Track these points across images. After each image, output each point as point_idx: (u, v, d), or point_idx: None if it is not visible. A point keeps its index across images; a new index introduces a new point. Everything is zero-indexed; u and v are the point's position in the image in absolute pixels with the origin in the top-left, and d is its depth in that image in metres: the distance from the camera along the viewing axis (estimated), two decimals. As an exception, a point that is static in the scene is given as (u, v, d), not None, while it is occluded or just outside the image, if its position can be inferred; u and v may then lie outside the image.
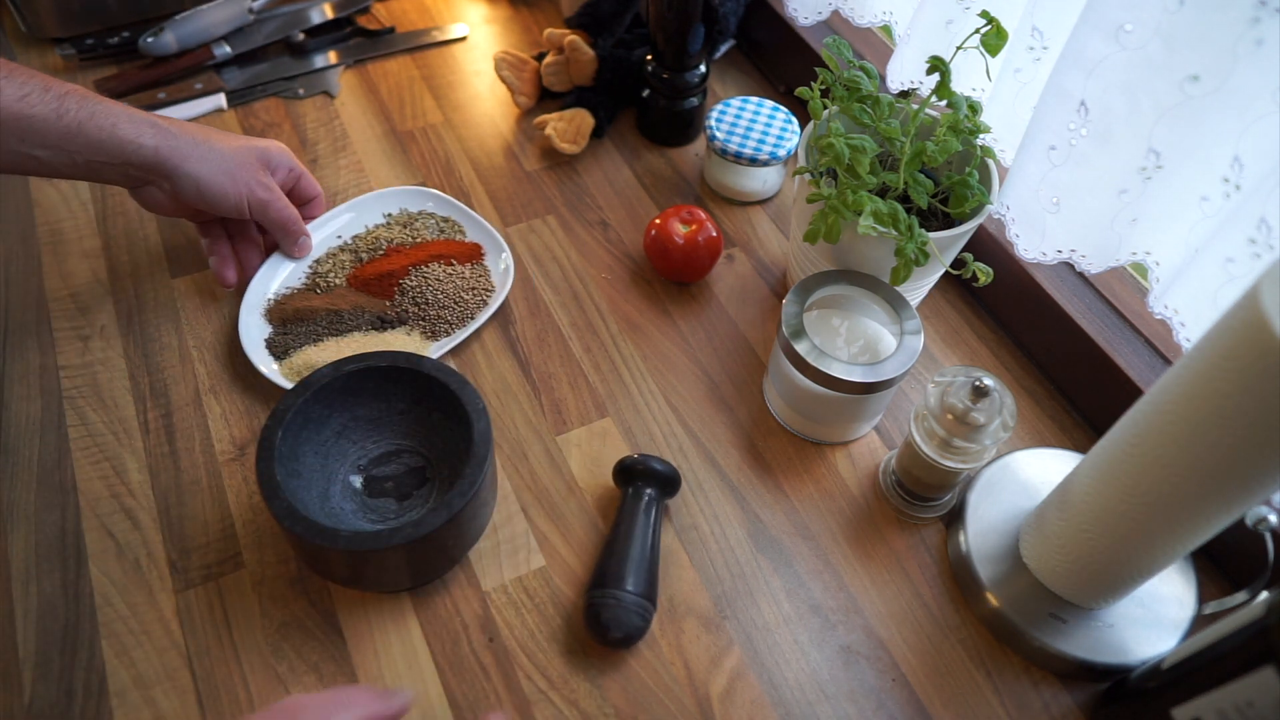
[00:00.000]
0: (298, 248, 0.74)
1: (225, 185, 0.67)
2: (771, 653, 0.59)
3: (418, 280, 0.74)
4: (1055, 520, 0.57)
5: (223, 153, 0.68)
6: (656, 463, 0.63)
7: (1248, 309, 0.41)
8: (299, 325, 0.71)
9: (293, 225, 0.73)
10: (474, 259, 0.78)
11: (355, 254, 0.77)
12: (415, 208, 0.81)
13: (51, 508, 0.63)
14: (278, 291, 0.74)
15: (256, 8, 0.95)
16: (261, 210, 0.70)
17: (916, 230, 0.62)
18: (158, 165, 0.65)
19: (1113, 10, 0.54)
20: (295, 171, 0.74)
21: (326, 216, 0.77)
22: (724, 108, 0.85)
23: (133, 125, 0.64)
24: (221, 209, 0.69)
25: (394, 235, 0.78)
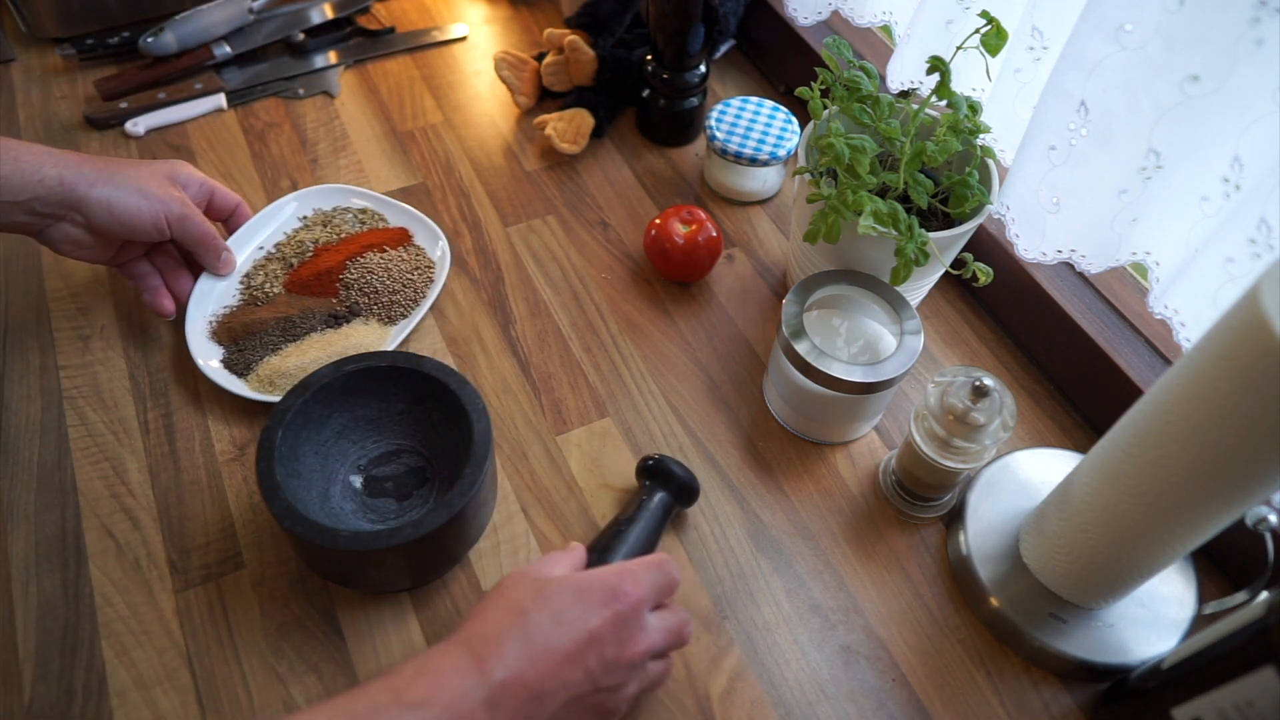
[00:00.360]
0: (221, 263, 0.72)
1: (140, 204, 0.65)
2: (771, 653, 0.59)
3: (358, 272, 0.74)
4: (1055, 520, 0.57)
5: (128, 174, 0.66)
6: (679, 469, 0.62)
7: (1248, 309, 0.41)
8: (251, 339, 0.70)
9: (211, 239, 0.70)
10: (404, 242, 0.78)
11: (284, 261, 0.76)
12: (328, 205, 0.81)
13: (51, 508, 0.63)
14: (216, 312, 0.72)
15: (256, 8, 0.95)
16: (180, 225, 0.68)
17: (916, 230, 0.62)
18: (64, 194, 0.63)
19: (1113, 10, 0.54)
20: (206, 187, 0.72)
21: (242, 231, 0.76)
22: (724, 108, 0.85)
23: (33, 156, 0.62)
24: (139, 231, 0.66)
25: (316, 235, 0.78)
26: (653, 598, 0.50)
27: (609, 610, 0.48)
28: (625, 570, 0.50)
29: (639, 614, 0.49)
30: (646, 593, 0.50)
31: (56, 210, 0.64)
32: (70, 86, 0.91)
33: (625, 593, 0.48)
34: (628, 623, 0.48)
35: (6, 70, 0.92)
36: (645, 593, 0.49)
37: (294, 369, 0.68)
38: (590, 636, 0.47)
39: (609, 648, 0.47)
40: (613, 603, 0.48)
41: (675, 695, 0.57)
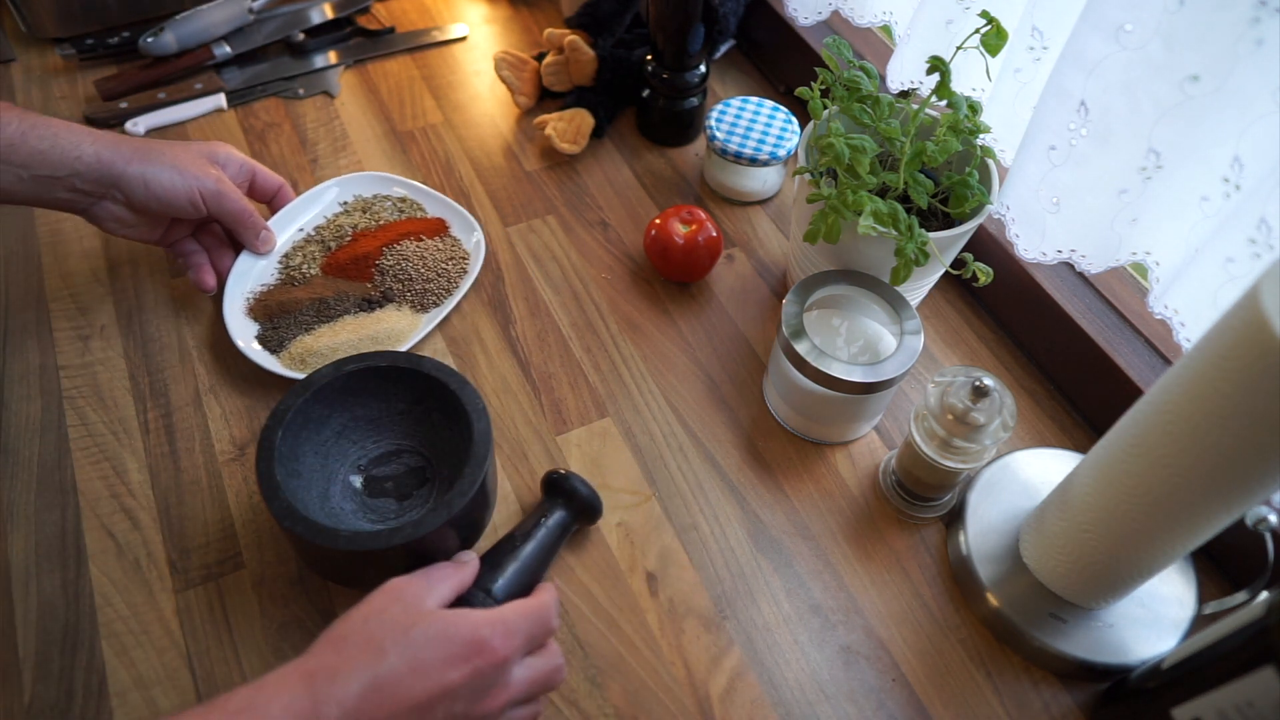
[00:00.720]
0: (260, 241, 0.74)
1: (174, 179, 0.67)
2: (771, 653, 0.59)
3: (394, 259, 0.76)
4: (1055, 520, 0.57)
5: (165, 153, 0.67)
6: (582, 486, 0.61)
7: (1248, 309, 0.41)
8: (286, 317, 0.72)
9: (248, 217, 0.72)
10: (440, 233, 0.79)
11: (322, 244, 0.78)
12: (369, 192, 0.82)
13: (51, 508, 0.63)
14: (254, 290, 0.74)
15: (256, 8, 0.95)
16: (216, 201, 0.69)
17: (916, 230, 0.62)
18: (102, 171, 0.64)
19: (1113, 10, 0.54)
20: (247, 167, 0.74)
21: (284, 212, 0.77)
22: (724, 108, 0.85)
23: (72, 135, 0.64)
24: (174, 206, 0.68)
25: (355, 221, 0.79)
26: (523, 650, 0.49)
27: (470, 665, 0.45)
28: (499, 621, 0.48)
29: (502, 670, 0.47)
30: (516, 648, 0.48)
31: (97, 188, 0.65)
32: (70, 86, 0.91)
33: (492, 649, 0.46)
34: (487, 679, 0.46)
35: (6, 70, 0.92)
36: (514, 649, 0.48)
37: (325, 349, 0.69)
38: (443, 690, 0.44)
39: (460, 703, 0.45)
40: (475, 658, 0.46)
41: (675, 695, 0.57)
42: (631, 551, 0.63)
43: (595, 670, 0.58)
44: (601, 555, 0.63)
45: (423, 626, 0.46)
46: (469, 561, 0.55)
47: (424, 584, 0.50)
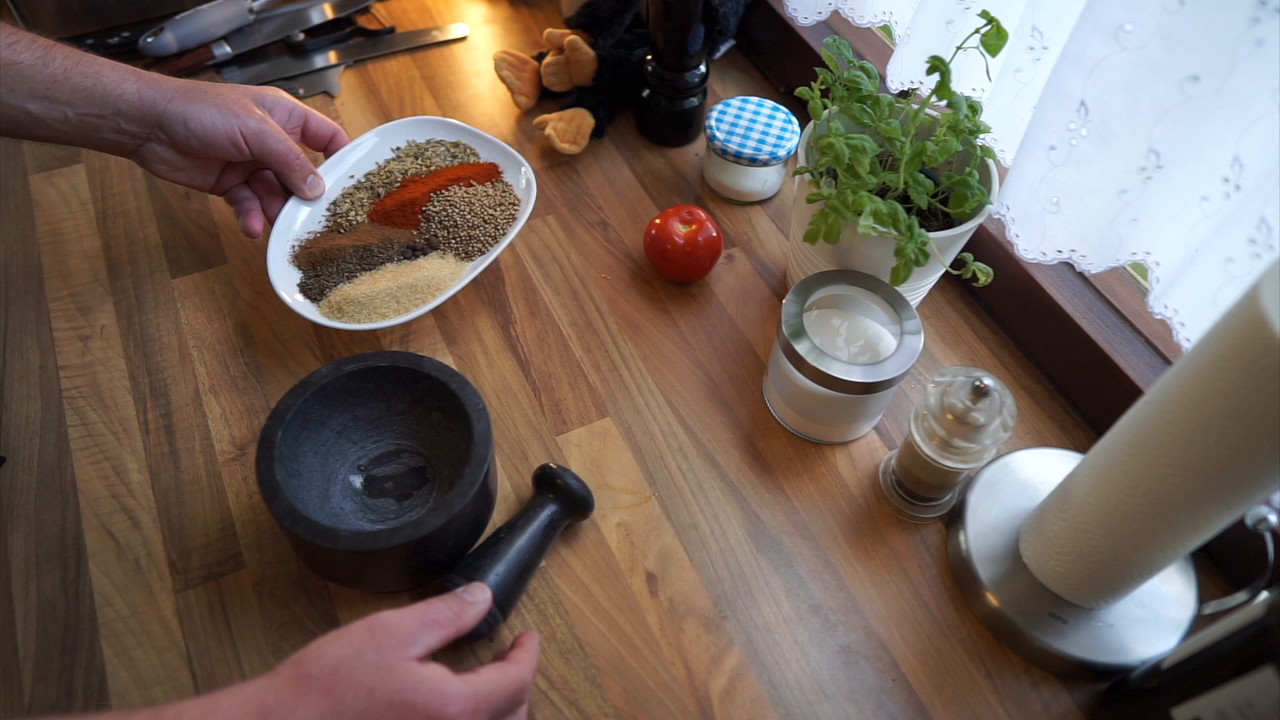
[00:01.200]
0: (307, 185, 0.73)
1: (215, 119, 0.66)
2: (771, 653, 0.59)
3: (441, 205, 0.75)
4: (1055, 520, 0.57)
5: (209, 93, 0.66)
6: (573, 480, 0.61)
7: (1248, 309, 0.41)
8: (329, 265, 0.71)
9: (294, 158, 0.71)
10: (492, 178, 0.78)
11: (371, 190, 0.77)
12: (422, 138, 0.81)
13: (51, 508, 0.63)
14: (300, 236, 0.74)
15: (256, 8, 0.95)
16: (259, 142, 0.68)
17: (916, 230, 0.62)
18: (144, 110, 0.64)
19: (1113, 10, 0.54)
20: (298, 112, 0.73)
21: (335, 158, 0.77)
22: (724, 108, 0.85)
23: (116, 73, 0.63)
24: (215, 146, 0.67)
25: (407, 167, 0.78)
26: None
27: None
28: (470, 698, 0.45)
29: None
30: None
31: (141, 128, 0.65)
32: (70, 86, 0.91)
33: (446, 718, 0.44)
34: None
35: (6, 70, 0.92)
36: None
37: (363, 297, 0.69)
38: None
39: None
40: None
41: (675, 695, 0.57)
42: (631, 551, 0.63)
43: (595, 670, 0.58)
44: (601, 555, 0.63)
45: (390, 686, 0.43)
46: (476, 602, 0.52)
47: (412, 628, 0.47)
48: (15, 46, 0.61)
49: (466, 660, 0.58)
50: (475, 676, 0.47)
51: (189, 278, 0.76)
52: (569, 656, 0.58)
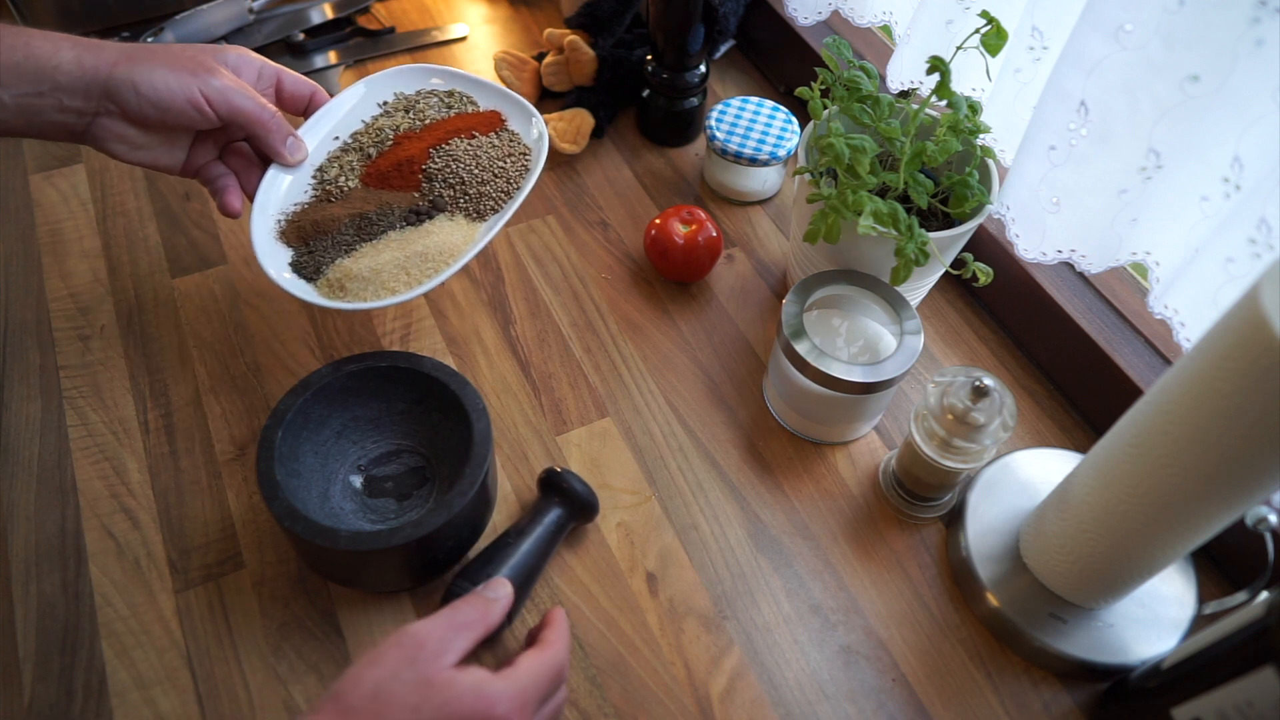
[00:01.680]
0: (287, 149, 0.64)
1: (170, 81, 0.56)
2: (771, 653, 0.59)
3: (443, 161, 0.67)
4: (1055, 520, 0.57)
5: (159, 52, 0.58)
6: (579, 484, 0.61)
7: (1248, 309, 0.41)
8: (323, 239, 0.64)
9: (269, 117, 0.62)
10: (496, 127, 0.70)
11: (361, 152, 0.69)
12: (412, 89, 0.73)
13: (51, 508, 0.63)
14: (285, 209, 0.66)
15: (256, 8, 0.95)
16: (224, 101, 0.58)
17: (916, 230, 0.62)
18: (85, 79, 0.55)
19: (1113, 10, 0.54)
20: (269, 72, 0.64)
21: (315, 118, 0.68)
22: (724, 108, 0.85)
23: (49, 42, 0.55)
24: (174, 112, 0.57)
25: (398, 122, 0.70)
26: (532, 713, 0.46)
27: None
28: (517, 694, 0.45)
29: None
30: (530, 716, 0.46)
31: (85, 103, 0.56)
32: (70, 86, 0.91)
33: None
34: None
35: (6, 70, 0.92)
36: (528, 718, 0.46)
37: (366, 271, 0.61)
38: None
39: None
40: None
41: (675, 695, 0.57)
42: (631, 551, 0.63)
43: (595, 670, 0.58)
44: (601, 555, 0.63)
45: (434, 701, 0.43)
46: (499, 597, 0.51)
47: (443, 636, 0.46)
48: None
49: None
50: (514, 670, 0.47)
51: (189, 278, 0.76)
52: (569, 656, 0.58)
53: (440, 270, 0.61)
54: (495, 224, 0.64)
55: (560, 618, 0.54)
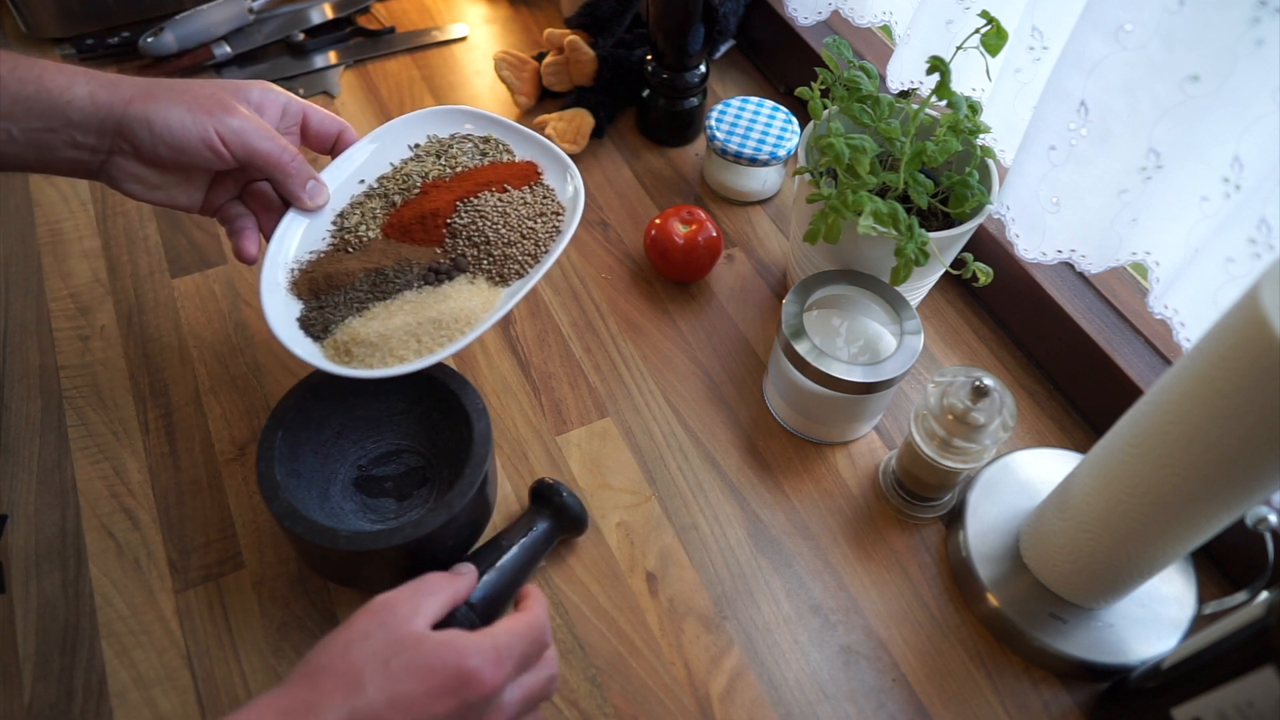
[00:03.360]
0: (307, 193, 0.61)
1: (185, 120, 0.54)
2: (771, 653, 0.59)
3: (470, 216, 0.62)
4: (1055, 520, 0.57)
5: (177, 88, 0.55)
6: (569, 498, 0.60)
7: (1248, 309, 0.41)
8: (335, 295, 0.60)
9: (288, 160, 0.58)
10: (530, 180, 0.65)
11: (385, 198, 0.64)
12: (446, 132, 0.69)
13: (51, 508, 0.63)
14: (300, 257, 0.62)
15: (256, 8, 0.95)
16: (241, 143, 0.56)
17: (916, 230, 0.62)
18: (99, 115, 0.53)
19: (1113, 10, 0.54)
20: (294, 108, 0.61)
21: (340, 159, 0.64)
22: (724, 108, 0.85)
23: (63, 76, 0.53)
24: (190, 153, 0.55)
25: (427, 169, 0.66)
26: (516, 673, 0.46)
27: (456, 698, 0.42)
28: (490, 649, 0.44)
29: (493, 699, 0.44)
30: (507, 674, 0.45)
31: (99, 140, 0.54)
32: (70, 86, 0.91)
33: (481, 680, 0.43)
34: (476, 710, 0.43)
35: (6, 70, 0.92)
36: (505, 676, 0.45)
37: (375, 336, 0.57)
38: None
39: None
40: (462, 690, 0.43)
41: (675, 695, 0.57)
42: (631, 551, 0.63)
43: (595, 670, 0.58)
44: (601, 555, 0.63)
45: (405, 656, 0.43)
46: (466, 573, 0.53)
47: (412, 601, 0.46)
48: None
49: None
50: (491, 629, 0.46)
51: (189, 278, 0.76)
52: (569, 656, 0.58)
53: (454, 340, 0.58)
54: (518, 291, 0.59)
55: (535, 591, 0.53)
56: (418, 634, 0.44)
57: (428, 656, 0.43)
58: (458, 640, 0.44)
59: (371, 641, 0.43)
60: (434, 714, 0.42)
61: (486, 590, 0.56)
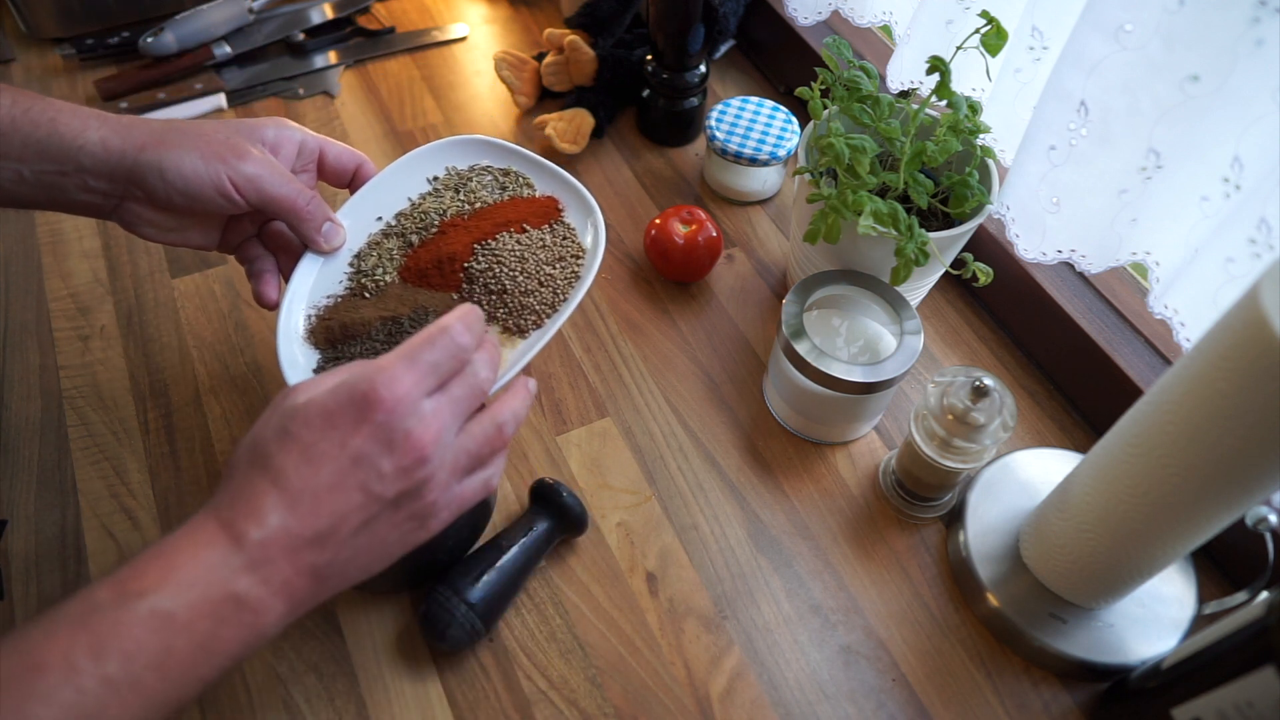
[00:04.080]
0: (322, 236, 0.59)
1: (198, 168, 0.53)
2: (771, 653, 0.59)
3: (486, 260, 0.59)
4: (1055, 520, 0.57)
5: (191, 134, 0.54)
6: (568, 498, 0.60)
7: (1248, 309, 0.41)
8: (351, 345, 0.57)
9: (302, 204, 0.57)
10: (550, 218, 0.62)
11: (403, 238, 0.62)
12: (465, 164, 0.66)
13: (51, 508, 0.63)
14: (317, 302, 0.59)
15: (256, 8, 0.95)
16: (255, 190, 0.55)
17: (916, 230, 0.62)
18: (111, 163, 0.52)
19: (1113, 10, 0.54)
20: (311, 145, 0.60)
21: (358, 195, 0.62)
22: (724, 108, 0.85)
23: (76, 119, 0.52)
24: (201, 200, 0.54)
25: (446, 205, 0.63)
26: (422, 384, 0.43)
27: (367, 424, 0.41)
28: (379, 369, 0.42)
29: (404, 412, 0.41)
30: (408, 387, 0.42)
31: (112, 185, 0.53)
32: (70, 86, 0.91)
33: (379, 399, 0.41)
34: (392, 427, 0.41)
35: (6, 70, 0.92)
36: (406, 388, 0.42)
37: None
38: (352, 460, 0.40)
39: (381, 460, 0.41)
40: (368, 414, 0.41)
41: (675, 695, 0.57)
42: (631, 551, 0.63)
43: (595, 670, 0.58)
44: (601, 555, 0.63)
45: (299, 418, 0.41)
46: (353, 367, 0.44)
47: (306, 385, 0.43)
48: None
49: (470, 669, 0.58)
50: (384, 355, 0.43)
51: (189, 278, 0.76)
52: (569, 656, 0.58)
53: None
54: (533, 345, 0.56)
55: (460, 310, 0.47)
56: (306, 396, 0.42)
57: (322, 403, 0.41)
58: (348, 374, 0.42)
59: (266, 429, 0.42)
60: (351, 449, 0.40)
61: (486, 590, 0.56)
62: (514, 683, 0.57)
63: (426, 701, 0.56)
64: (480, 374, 0.46)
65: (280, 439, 0.41)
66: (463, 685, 0.57)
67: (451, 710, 0.56)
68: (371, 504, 0.41)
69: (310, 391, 0.42)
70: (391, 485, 0.42)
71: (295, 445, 0.40)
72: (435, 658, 0.58)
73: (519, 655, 0.58)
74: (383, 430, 0.41)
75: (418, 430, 0.42)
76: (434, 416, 0.43)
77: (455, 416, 0.44)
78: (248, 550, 0.39)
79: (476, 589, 0.56)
